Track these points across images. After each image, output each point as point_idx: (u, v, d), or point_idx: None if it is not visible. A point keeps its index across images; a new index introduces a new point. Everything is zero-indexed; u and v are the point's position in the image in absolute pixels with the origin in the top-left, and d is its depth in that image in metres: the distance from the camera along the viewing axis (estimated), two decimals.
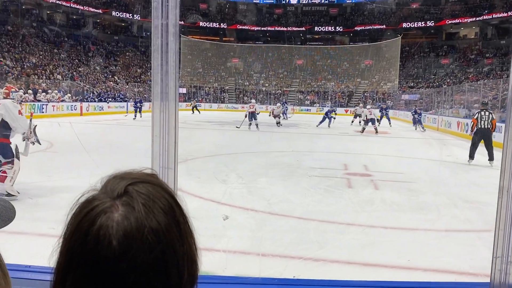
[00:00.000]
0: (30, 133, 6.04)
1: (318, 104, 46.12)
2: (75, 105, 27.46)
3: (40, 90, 27.28)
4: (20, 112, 5.84)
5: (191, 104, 36.55)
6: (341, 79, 51.74)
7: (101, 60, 43.36)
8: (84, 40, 44.73)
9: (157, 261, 0.58)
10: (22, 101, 23.27)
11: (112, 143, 13.35)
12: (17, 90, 6.93)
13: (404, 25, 50.65)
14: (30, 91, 26.09)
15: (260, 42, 56.11)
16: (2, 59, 31.37)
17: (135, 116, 25.36)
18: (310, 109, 42.72)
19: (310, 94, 49.43)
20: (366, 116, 19.16)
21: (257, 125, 19.52)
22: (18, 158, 5.93)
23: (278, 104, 25.38)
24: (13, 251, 1.23)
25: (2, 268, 0.98)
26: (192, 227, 0.65)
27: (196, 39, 53.43)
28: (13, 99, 6.10)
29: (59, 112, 25.17)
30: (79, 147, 10.17)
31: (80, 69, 39.20)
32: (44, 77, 32.48)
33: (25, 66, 33.08)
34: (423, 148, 15.09)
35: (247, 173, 8.46)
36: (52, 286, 0.61)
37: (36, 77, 31.57)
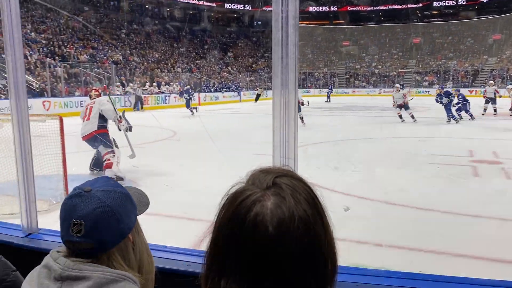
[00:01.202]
0: (120, 118, 6.74)
1: (437, 85, 42.87)
2: (194, 96, 29.34)
3: (163, 83, 29.65)
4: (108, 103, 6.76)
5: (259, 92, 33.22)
6: (464, 56, 47.31)
7: (215, 52, 45.52)
8: (200, 33, 47.35)
9: (307, 249, 0.62)
10: (148, 93, 25.53)
11: (229, 131, 13.95)
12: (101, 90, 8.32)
13: None
14: (154, 84, 28.52)
15: (372, 23, 53.77)
16: (130, 56, 34.69)
17: (192, 111, 20.20)
18: (428, 91, 39.88)
19: (428, 74, 46.11)
20: None
21: (301, 118, 14.55)
22: (117, 147, 6.69)
23: (397, 86, 18.25)
24: (150, 232, 1.38)
25: (146, 246, 1.12)
26: (330, 220, 0.68)
27: (306, 25, 53.14)
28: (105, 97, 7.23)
29: (180, 102, 27.07)
30: (200, 135, 10.86)
31: (197, 61, 41.64)
32: (166, 71, 35.18)
33: (150, 61, 36.14)
34: None
35: (360, 160, 8.24)
36: (207, 268, 0.67)
37: (159, 70, 34.33)
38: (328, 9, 54.32)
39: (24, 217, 2.07)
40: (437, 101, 16.22)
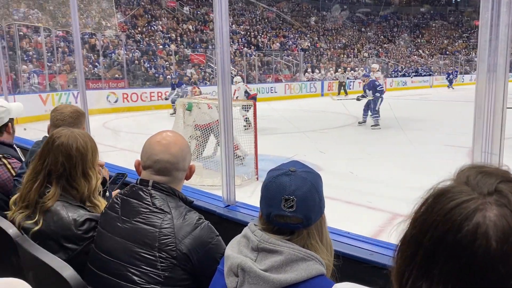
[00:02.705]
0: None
1: None
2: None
3: (348, 69, 29.53)
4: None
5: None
6: None
7: (405, 34, 43.00)
8: (390, 15, 45.30)
9: None
10: (336, 79, 25.79)
11: (418, 118, 13.09)
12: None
13: None
14: (340, 70, 28.63)
15: None
16: (318, 42, 35.46)
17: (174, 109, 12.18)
18: None
19: None
20: None
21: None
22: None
23: None
24: (333, 217, 1.42)
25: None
26: None
27: None
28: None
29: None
30: (386, 122, 10.49)
31: (385, 45, 40.08)
32: (352, 56, 34.87)
33: (336, 46, 36.31)
34: None
35: None
36: (401, 264, 0.64)
37: (345, 56, 34.23)
38: None
39: (225, 190, 2.36)
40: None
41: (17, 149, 2.67)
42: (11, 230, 1.62)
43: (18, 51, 16.04)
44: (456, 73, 31.54)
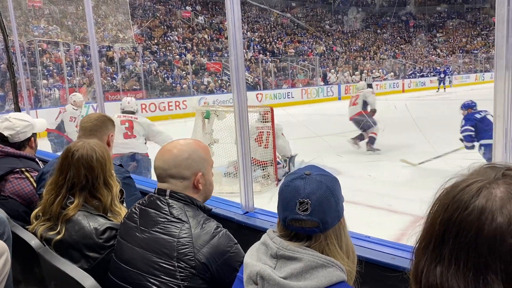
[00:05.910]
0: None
1: None
2: (397, 83, 28.18)
3: (365, 71, 29.31)
4: None
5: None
6: None
7: (422, 34, 42.50)
8: (406, 16, 44.85)
9: None
10: (350, 82, 25.51)
11: (436, 119, 12.85)
12: None
13: None
14: (356, 73, 28.43)
15: None
16: (334, 46, 35.32)
17: None
18: None
19: None
20: None
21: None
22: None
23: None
24: (353, 221, 1.40)
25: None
26: None
27: None
28: None
29: (382, 90, 26.33)
30: (404, 124, 10.32)
31: (401, 46, 39.68)
32: (369, 58, 34.60)
33: (352, 50, 36.09)
34: None
35: None
36: (418, 256, 0.64)
37: (361, 58, 33.99)
38: None
39: (243, 197, 2.35)
40: None
41: (39, 162, 2.72)
42: (34, 241, 1.64)
43: (39, 66, 16.41)
44: (447, 72, 28.61)
